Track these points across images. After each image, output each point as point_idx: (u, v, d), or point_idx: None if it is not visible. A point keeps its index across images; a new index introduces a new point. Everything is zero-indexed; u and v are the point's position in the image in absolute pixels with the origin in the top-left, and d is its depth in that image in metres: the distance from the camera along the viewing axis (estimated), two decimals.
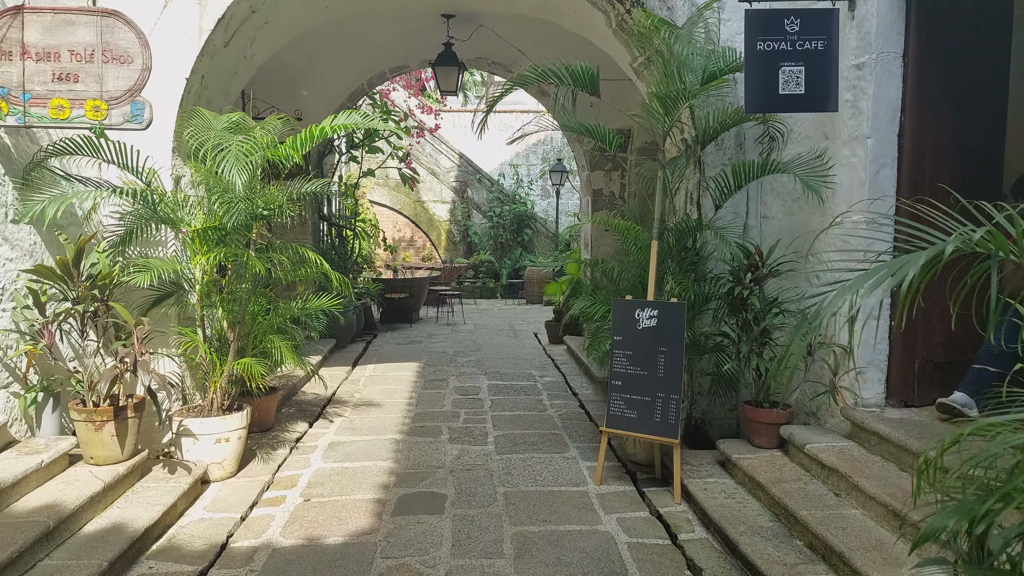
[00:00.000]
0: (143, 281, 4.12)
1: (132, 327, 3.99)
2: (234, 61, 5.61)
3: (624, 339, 4.70)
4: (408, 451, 5.38)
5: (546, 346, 10.05)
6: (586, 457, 5.26)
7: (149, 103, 3.95)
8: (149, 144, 4.63)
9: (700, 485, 4.31)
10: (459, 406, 6.72)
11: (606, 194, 9.68)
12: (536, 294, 15.31)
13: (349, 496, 4.52)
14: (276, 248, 4.73)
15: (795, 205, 4.87)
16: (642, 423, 4.57)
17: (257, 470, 4.92)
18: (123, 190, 4.31)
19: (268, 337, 5.00)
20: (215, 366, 4.69)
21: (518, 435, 5.79)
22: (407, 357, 9.21)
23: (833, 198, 4.37)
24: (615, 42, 5.95)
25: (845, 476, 3.65)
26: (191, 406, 4.93)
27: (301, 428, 5.91)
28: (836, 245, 4.34)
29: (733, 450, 4.47)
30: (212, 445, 4.66)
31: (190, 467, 4.49)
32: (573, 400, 6.98)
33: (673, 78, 4.63)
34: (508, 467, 5.03)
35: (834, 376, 4.16)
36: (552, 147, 18.45)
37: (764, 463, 4.23)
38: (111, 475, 3.94)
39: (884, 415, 4.02)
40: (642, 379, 4.60)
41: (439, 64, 7.75)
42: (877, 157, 4.05)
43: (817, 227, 4.57)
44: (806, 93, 4.20)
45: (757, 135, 5.24)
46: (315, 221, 9.86)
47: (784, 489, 3.83)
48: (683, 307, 4.50)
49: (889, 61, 4.03)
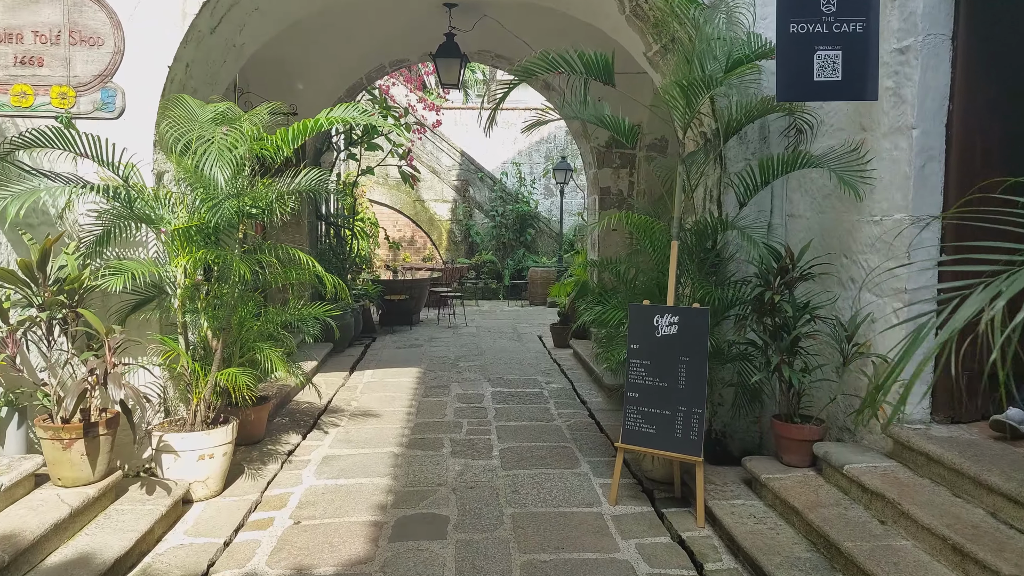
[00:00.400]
0: (116, 285, 3.76)
1: (103, 336, 3.63)
2: (222, 49, 5.24)
3: (641, 347, 4.34)
4: (407, 466, 5.02)
5: (551, 350, 9.69)
6: (599, 473, 4.89)
7: (122, 90, 3.59)
8: (128, 136, 4.28)
9: (726, 508, 3.95)
10: (461, 415, 6.36)
11: (614, 192, 9.31)
12: (539, 295, 14.94)
13: (343, 518, 4.16)
14: (265, 249, 4.37)
15: (826, 203, 4.50)
16: (661, 439, 4.21)
17: (244, 488, 4.56)
18: (96, 186, 3.95)
19: (257, 345, 4.63)
20: (198, 377, 4.34)
21: (525, 448, 5.43)
22: (407, 362, 8.85)
23: (871, 195, 4.00)
24: (628, 30, 5.59)
25: (893, 502, 3.29)
26: (173, 419, 4.58)
27: (294, 440, 5.55)
28: (875, 246, 3.99)
29: (761, 469, 4.11)
30: (195, 462, 4.29)
31: (170, 486, 4.12)
32: (582, 409, 6.62)
33: (695, 65, 4.28)
34: (515, 484, 4.67)
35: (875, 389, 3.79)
36: (555, 145, 18.09)
37: (797, 484, 3.87)
38: (80, 499, 3.58)
39: (931, 433, 3.65)
40: (661, 391, 4.24)
41: (440, 56, 7.38)
42: (923, 149, 3.69)
43: (851, 226, 4.22)
44: (843, 80, 3.83)
45: (782, 128, 4.87)
46: (312, 221, 9.50)
47: (822, 515, 3.46)
48: (707, 313, 4.13)
49: (936, 44, 3.66)
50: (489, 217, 16.56)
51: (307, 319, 4.93)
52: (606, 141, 9.23)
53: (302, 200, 9.06)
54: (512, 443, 5.55)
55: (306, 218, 9.27)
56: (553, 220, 17.23)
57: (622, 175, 9.34)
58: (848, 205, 4.23)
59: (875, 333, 3.98)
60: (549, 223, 17.07)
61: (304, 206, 9.17)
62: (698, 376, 4.13)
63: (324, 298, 5.29)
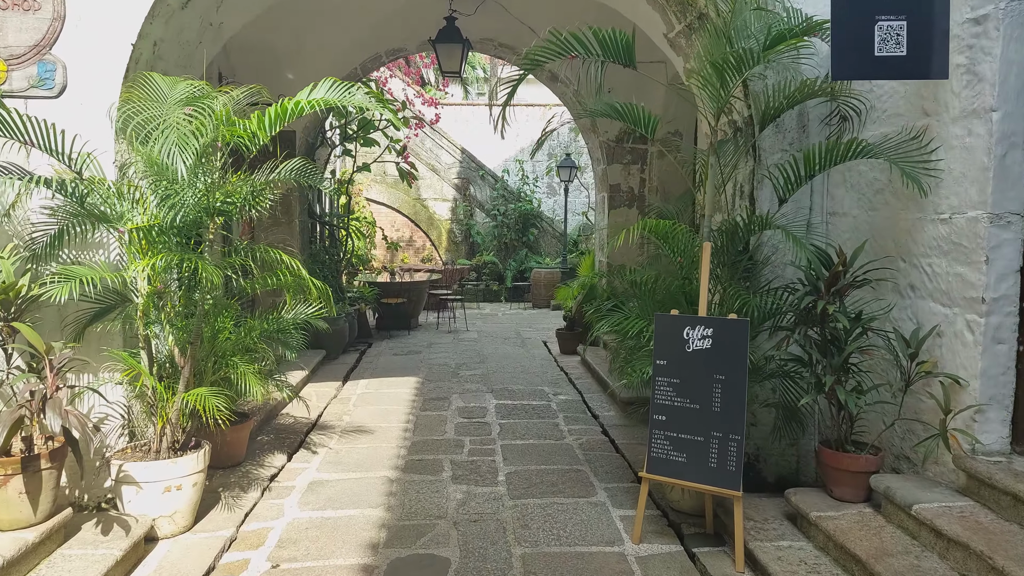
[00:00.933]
0: (60, 294, 3.21)
1: (42, 354, 3.09)
2: (197, 28, 4.71)
3: (669, 363, 3.81)
4: (403, 494, 4.48)
5: (557, 356, 9.16)
6: (617, 502, 4.36)
7: (63, 63, 3.06)
8: (81, 122, 3.75)
9: (771, 551, 3.41)
10: (463, 432, 5.82)
11: (624, 190, 8.78)
12: (543, 297, 14.40)
13: (328, 560, 3.62)
14: (240, 251, 3.83)
15: (877, 199, 3.97)
16: (693, 469, 3.67)
17: (219, 521, 4.03)
18: (42, 178, 3.41)
19: (232, 360, 4.10)
20: (164, 398, 3.80)
21: (534, 472, 4.89)
22: (404, 370, 8.31)
23: (937, 189, 3.47)
24: (647, 9, 5.05)
25: (980, 555, 2.75)
26: (138, 443, 4.04)
27: (278, 462, 5.00)
28: (942, 248, 3.45)
29: (809, 504, 3.57)
30: (160, 495, 3.76)
31: (129, 524, 3.59)
32: (594, 425, 6.08)
33: (730, 40, 3.75)
34: (524, 517, 4.13)
35: (945, 416, 3.26)
36: (559, 142, 17.54)
37: (855, 525, 3.33)
38: (16, 546, 3.04)
39: (1014, 467, 3.11)
40: (693, 414, 3.71)
41: (440, 41, 6.84)
42: (1005, 136, 3.15)
43: (910, 225, 3.68)
44: (908, 55, 3.30)
45: (823, 115, 4.34)
46: (304, 220, 8.96)
47: (892, 567, 2.92)
48: (746, 325, 3.60)
49: (1021, 12, 3.13)
50: (490, 216, 16.00)
51: (289, 329, 4.38)
52: (616, 135, 8.70)
53: (293, 198, 8.55)
54: (519, 465, 5.02)
55: (298, 217, 8.73)
56: (556, 219, 16.67)
57: (633, 172, 8.81)
58: (907, 201, 3.70)
59: (942, 349, 3.45)
60: (552, 223, 16.51)
61: (295, 204, 8.64)
62: (736, 397, 3.60)
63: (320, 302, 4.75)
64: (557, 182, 16.24)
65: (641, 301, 4.30)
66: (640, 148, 8.73)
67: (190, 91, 3.62)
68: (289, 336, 4.42)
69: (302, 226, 8.87)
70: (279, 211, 8.36)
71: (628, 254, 8.32)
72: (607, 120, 8.61)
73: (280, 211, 8.39)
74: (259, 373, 4.19)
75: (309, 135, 8.93)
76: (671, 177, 8.44)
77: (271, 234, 8.36)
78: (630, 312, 4.36)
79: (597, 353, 8.21)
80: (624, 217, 8.71)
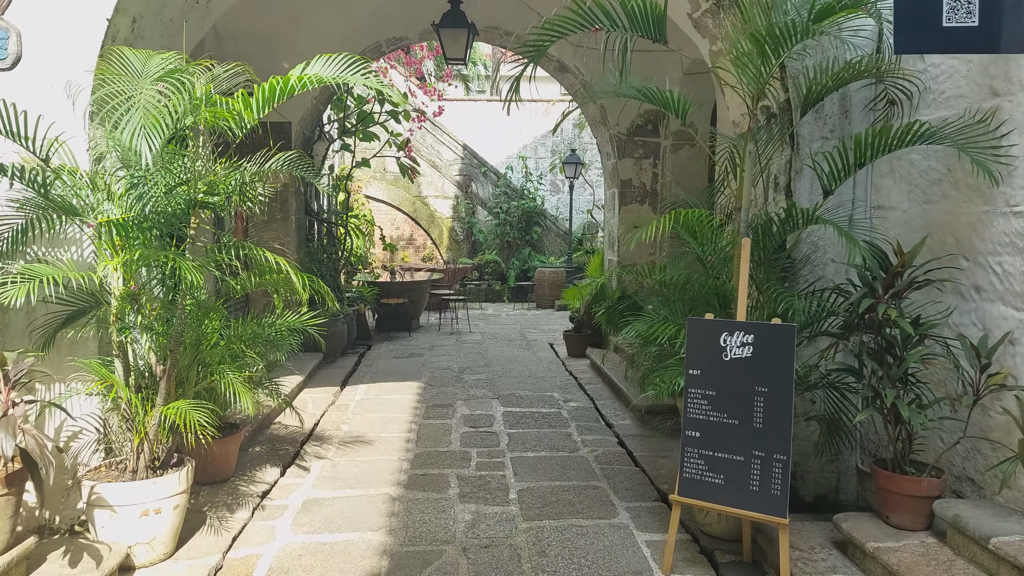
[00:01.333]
0: (16, 296, 2.82)
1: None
2: (182, 5, 4.32)
3: (704, 374, 3.42)
4: (406, 515, 4.09)
5: (565, 359, 8.77)
6: (642, 525, 3.97)
7: (16, 30, 2.67)
8: (45, 103, 3.36)
9: None
10: (469, 443, 5.43)
11: (636, 185, 8.38)
12: (547, 297, 14.02)
13: None
14: (223, 248, 3.43)
15: (933, 190, 3.58)
16: (731, 492, 3.29)
17: (204, 546, 3.63)
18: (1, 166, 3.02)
19: (219, 368, 3.71)
20: (141, 412, 3.41)
21: (548, 489, 4.50)
22: (405, 375, 7.91)
23: (1010, 179, 3.08)
24: None
25: None
26: (116, 460, 3.65)
27: (270, 477, 4.61)
28: (1015, 245, 3.07)
29: (863, 533, 3.18)
30: (136, 519, 3.36)
31: (101, 554, 3.19)
32: (609, 434, 5.69)
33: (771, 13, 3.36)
34: (540, 543, 3.74)
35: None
36: (562, 138, 17.15)
37: (919, 559, 2.94)
38: None
39: None
40: (731, 430, 3.32)
41: (444, 25, 6.44)
42: None
43: (975, 220, 3.29)
44: (980, 26, 2.91)
45: (866, 99, 3.96)
46: (300, 217, 8.55)
47: None
48: (793, 331, 3.21)
49: None
50: (493, 214, 15.59)
51: (283, 334, 3.99)
52: (627, 128, 8.30)
53: (289, 194, 8.15)
54: (532, 481, 4.63)
55: (294, 214, 8.33)
56: (561, 217, 16.28)
57: (645, 166, 8.41)
58: (970, 193, 3.31)
59: (1015, 358, 3.06)
60: (556, 220, 16.11)
61: (292, 201, 8.24)
62: (781, 412, 3.21)
63: (316, 304, 4.36)
64: (561, 179, 15.87)
65: (670, 304, 3.91)
66: (652, 142, 8.34)
67: (164, 65, 3.22)
68: (282, 341, 4.03)
69: (299, 224, 8.47)
70: (275, 208, 7.98)
71: (640, 253, 7.94)
72: (618, 112, 8.23)
73: (276, 208, 8.01)
74: (249, 381, 3.81)
75: (306, 128, 8.53)
76: (685, 172, 8.05)
77: (266, 232, 7.96)
78: (655, 316, 3.97)
79: (608, 356, 7.82)
80: (636, 214, 8.32)
